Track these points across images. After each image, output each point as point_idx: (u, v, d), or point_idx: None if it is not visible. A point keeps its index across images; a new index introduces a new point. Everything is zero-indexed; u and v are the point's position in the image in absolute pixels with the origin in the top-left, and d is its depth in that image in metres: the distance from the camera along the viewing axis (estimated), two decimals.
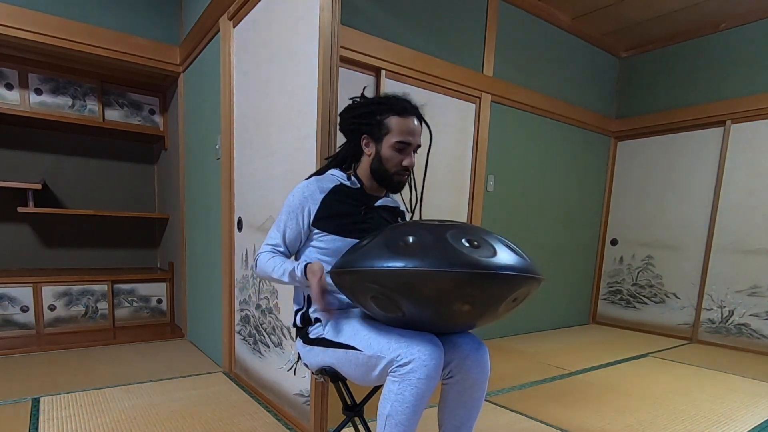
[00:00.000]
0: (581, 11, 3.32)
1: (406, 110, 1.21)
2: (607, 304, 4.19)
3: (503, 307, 0.97)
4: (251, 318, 2.09)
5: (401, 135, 1.20)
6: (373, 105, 1.23)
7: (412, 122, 1.21)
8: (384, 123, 1.20)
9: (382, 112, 1.21)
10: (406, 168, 1.23)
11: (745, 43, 3.30)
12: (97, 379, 2.20)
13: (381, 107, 1.22)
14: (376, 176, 1.25)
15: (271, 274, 1.21)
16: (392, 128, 1.20)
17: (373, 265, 0.94)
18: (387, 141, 1.21)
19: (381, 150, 1.22)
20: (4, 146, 3.10)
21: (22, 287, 2.80)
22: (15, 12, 2.35)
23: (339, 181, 1.26)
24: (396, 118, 1.20)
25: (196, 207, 2.74)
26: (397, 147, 1.20)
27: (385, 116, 1.21)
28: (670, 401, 2.24)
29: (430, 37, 2.73)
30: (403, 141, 1.20)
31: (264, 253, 1.26)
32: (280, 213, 1.27)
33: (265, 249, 1.26)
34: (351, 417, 1.26)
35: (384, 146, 1.21)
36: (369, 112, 1.22)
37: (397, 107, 1.21)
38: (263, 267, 1.23)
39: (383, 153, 1.22)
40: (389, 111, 1.21)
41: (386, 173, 1.23)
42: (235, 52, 2.16)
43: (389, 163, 1.22)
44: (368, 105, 1.24)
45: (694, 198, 3.61)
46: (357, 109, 1.25)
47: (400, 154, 1.21)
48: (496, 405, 2.06)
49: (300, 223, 1.23)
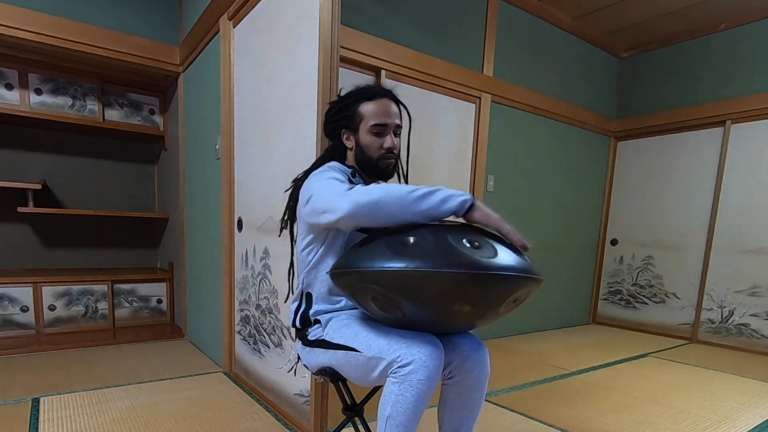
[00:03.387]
0: (581, 11, 3.32)
1: (376, 93, 1.21)
2: (607, 304, 4.19)
3: (504, 308, 0.97)
4: (251, 318, 2.09)
5: (375, 117, 1.19)
6: (344, 99, 1.24)
7: (384, 104, 1.20)
8: (357, 111, 1.20)
9: (354, 102, 1.21)
10: (389, 150, 1.21)
11: (745, 43, 3.30)
12: (97, 379, 2.20)
13: (351, 98, 1.22)
14: (363, 167, 1.24)
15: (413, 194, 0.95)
16: (365, 114, 1.19)
17: (373, 266, 0.94)
18: (363, 128, 1.20)
19: (359, 139, 1.21)
20: (4, 146, 3.10)
21: (22, 287, 2.80)
22: (15, 12, 2.35)
23: (347, 174, 1.23)
24: (367, 103, 1.20)
25: (196, 207, 2.74)
26: (374, 131, 1.19)
27: (356, 105, 1.21)
28: (670, 401, 2.24)
29: (430, 37, 2.73)
30: (378, 123, 1.19)
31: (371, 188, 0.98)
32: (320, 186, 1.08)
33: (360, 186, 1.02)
34: (351, 417, 1.25)
35: (361, 134, 1.21)
36: (342, 106, 1.23)
37: (366, 93, 1.21)
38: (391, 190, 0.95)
39: (362, 141, 1.21)
40: (359, 99, 1.21)
41: (370, 160, 1.22)
42: (235, 52, 2.16)
43: (370, 149, 1.21)
44: (340, 101, 1.25)
45: (694, 198, 3.61)
46: (332, 108, 1.27)
47: (379, 137, 1.20)
48: (496, 405, 2.06)
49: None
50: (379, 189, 0.97)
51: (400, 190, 0.96)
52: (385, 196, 0.95)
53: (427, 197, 0.95)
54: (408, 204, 0.95)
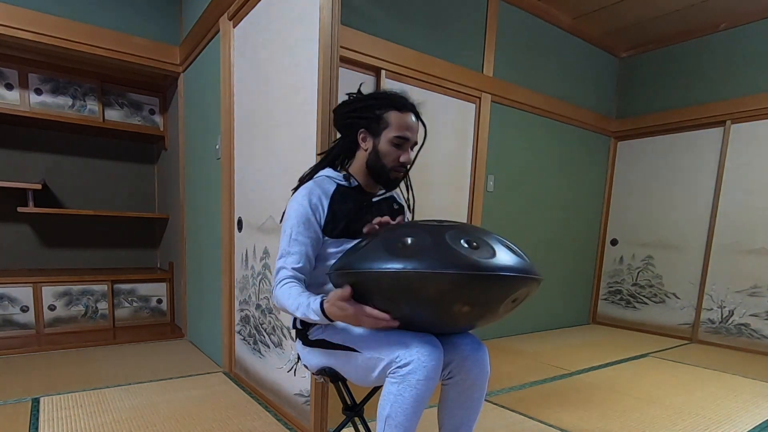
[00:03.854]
0: (581, 11, 3.32)
1: (405, 106, 1.21)
2: (607, 304, 4.19)
3: (503, 308, 0.97)
4: (251, 318, 2.09)
5: (400, 130, 1.19)
6: (371, 99, 1.23)
7: (410, 118, 1.21)
8: (383, 117, 1.20)
9: (381, 107, 1.20)
10: (402, 164, 1.22)
11: (745, 43, 3.30)
12: (97, 379, 2.20)
13: (380, 102, 1.21)
14: (372, 172, 1.24)
15: (287, 309, 1.11)
16: (391, 123, 1.19)
17: (372, 267, 0.94)
18: (385, 136, 1.20)
19: (379, 145, 1.21)
20: (4, 146, 3.10)
21: (22, 287, 2.80)
22: (15, 12, 2.35)
23: (336, 183, 1.25)
24: (395, 113, 1.20)
25: (196, 207, 2.74)
26: (395, 142, 1.20)
27: (384, 111, 1.20)
28: (670, 401, 2.24)
29: (430, 37, 2.73)
30: (402, 136, 1.19)
31: (283, 282, 1.14)
32: (285, 229, 1.19)
33: (285, 275, 1.15)
34: (351, 417, 1.26)
35: (382, 141, 1.21)
36: (367, 106, 1.22)
37: (397, 103, 1.21)
38: (282, 301, 1.12)
39: (381, 148, 1.21)
40: (389, 106, 1.20)
41: (383, 169, 1.22)
42: (235, 52, 2.16)
43: (387, 158, 1.21)
44: (366, 99, 1.24)
45: (694, 198, 3.61)
46: (354, 104, 1.25)
47: (398, 149, 1.21)
48: (496, 405, 2.06)
49: (317, 230, 1.19)
50: (280, 301, 1.12)
51: (286, 306, 1.11)
52: (284, 307, 1.11)
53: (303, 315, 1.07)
54: (292, 313, 1.09)
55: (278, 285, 1.15)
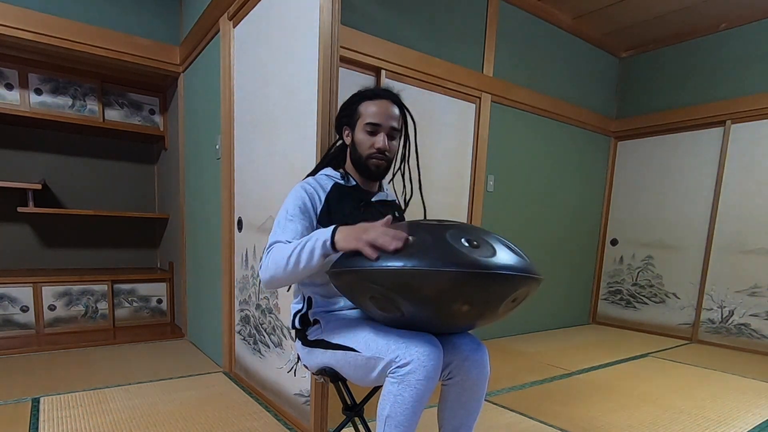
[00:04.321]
0: (581, 11, 3.32)
1: (377, 95, 1.25)
2: (607, 304, 4.19)
3: (503, 308, 0.97)
4: (251, 318, 2.09)
5: (371, 116, 1.22)
6: (350, 98, 1.29)
7: (383, 105, 1.23)
8: (357, 109, 1.25)
9: (357, 101, 1.26)
10: (379, 150, 1.23)
11: (745, 43, 3.30)
12: (97, 379, 2.20)
13: (355, 96, 1.27)
14: (355, 164, 1.28)
15: (288, 262, 1.03)
16: (363, 112, 1.24)
17: (371, 265, 0.94)
18: (359, 125, 1.24)
19: (355, 136, 1.26)
20: (4, 146, 3.10)
21: (22, 287, 2.80)
22: (15, 12, 2.35)
23: (334, 181, 1.27)
24: (367, 103, 1.24)
25: (196, 207, 2.74)
26: (367, 129, 1.23)
27: (358, 104, 1.25)
28: (670, 401, 2.23)
29: (430, 37, 2.73)
30: (372, 122, 1.22)
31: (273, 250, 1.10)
32: (279, 214, 1.18)
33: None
34: (351, 417, 1.25)
35: (357, 131, 1.25)
36: (348, 103, 1.28)
37: (368, 93, 1.26)
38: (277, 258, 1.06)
39: (356, 137, 1.26)
40: (361, 98, 1.25)
41: (360, 158, 1.25)
42: (235, 52, 2.16)
43: (362, 146, 1.24)
44: (349, 98, 1.29)
45: (694, 198, 3.61)
46: (342, 105, 1.31)
47: (371, 136, 1.23)
48: (496, 405, 2.06)
49: (312, 217, 1.19)
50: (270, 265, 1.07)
51: (279, 263, 1.05)
52: (274, 272, 1.07)
53: (298, 260, 1.02)
54: (291, 272, 1.05)
55: (268, 252, 1.10)
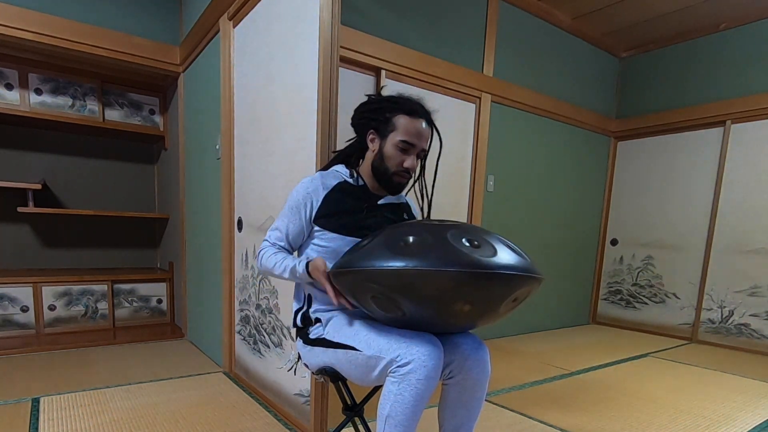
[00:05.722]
0: (581, 11, 3.32)
1: (416, 112, 1.20)
2: (607, 304, 4.19)
3: (503, 307, 0.97)
4: (251, 318, 2.09)
5: (406, 135, 1.18)
6: (384, 102, 1.22)
7: (420, 124, 1.19)
8: (391, 120, 1.19)
9: (392, 110, 1.20)
10: (406, 170, 1.21)
11: (745, 43, 3.30)
12: (97, 379, 2.20)
13: (391, 105, 1.21)
14: (376, 174, 1.24)
15: (273, 271, 1.22)
16: (398, 127, 1.19)
17: (373, 265, 0.94)
18: (392, 139, 1.19)
19: (384, 147, 1.21)
20: (4, 146, 3.10)
21: (22, 287, 2.80)
22: (15, 12, 2.35)
23: (342, 179, 1.26)
24: (404, 118, 1.19)
25: (196, 207, 2.74)
26: (400, 146, 1.19)
27: (393, 114, 1.20)
28: (670, 401, 2.24)
29: (430, 37, 2.73)
30: (408, 141, 1.18)
31: (265, 249, 1.26)
32: (283, 207, 1.26)
33: (266, 245, 1.27)
34: (351, 417, 1.25)
35: (388, 144, 1.20)
36: (379, 108, 1.22)
37: (407, 107, 1.20)
38: (265, 263, 1.24)
39: (386, 150, 1.20)
40: (399, 110, 1.19)
41: (386, 172, 1.21)
42: (235, 52, 2.16)
43: (390, 161, 1.20)
44: (380, 101, 1.23)
45: (694, 198, 3.61)
46: (369, 105, 1.25)
47: (403, 154, 1.20)
48: (496, 405, 2.06)
49: (302, 218, 1.22)
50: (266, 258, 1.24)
51: (267, 267, 1.24)
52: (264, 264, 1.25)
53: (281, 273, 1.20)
54: (278, 277, 1.23)
55: (261, 250, 1.28)
